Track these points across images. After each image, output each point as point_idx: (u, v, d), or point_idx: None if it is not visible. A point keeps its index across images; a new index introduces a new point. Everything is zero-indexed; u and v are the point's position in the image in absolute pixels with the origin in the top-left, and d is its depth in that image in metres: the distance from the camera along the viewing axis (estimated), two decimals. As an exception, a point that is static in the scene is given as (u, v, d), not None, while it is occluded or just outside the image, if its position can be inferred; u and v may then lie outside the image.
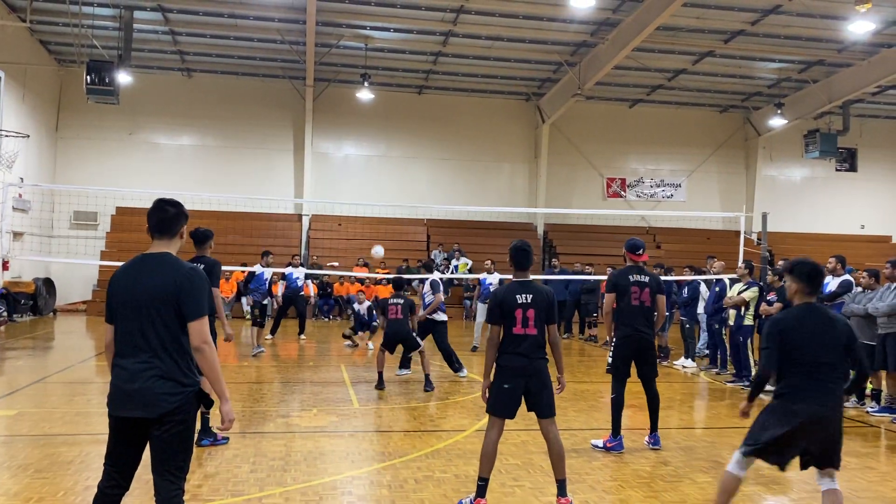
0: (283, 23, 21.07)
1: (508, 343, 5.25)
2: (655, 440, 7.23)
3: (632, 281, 7.09)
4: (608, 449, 7.01)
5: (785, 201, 29.22)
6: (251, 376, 11.15)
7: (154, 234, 3.90)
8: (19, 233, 20.70)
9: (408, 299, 10.73)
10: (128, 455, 3.76)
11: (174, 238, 3.93)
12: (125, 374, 3.69)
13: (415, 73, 25.60)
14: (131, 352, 3.70)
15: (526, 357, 5.22)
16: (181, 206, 4.00)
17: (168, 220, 3.90)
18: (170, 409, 3.62)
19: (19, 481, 5.65)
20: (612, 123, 28.48)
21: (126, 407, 3.67)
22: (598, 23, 20.60)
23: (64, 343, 16.07)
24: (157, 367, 3.65)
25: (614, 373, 7.22)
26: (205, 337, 3.69)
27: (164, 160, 25.56)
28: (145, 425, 3.66)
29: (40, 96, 23.21)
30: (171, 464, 3.68)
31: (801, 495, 5.85)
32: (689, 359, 13.23)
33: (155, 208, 3.93)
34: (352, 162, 27.21)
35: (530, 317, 5.23)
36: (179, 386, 3.67)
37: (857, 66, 22.95)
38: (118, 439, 3.76)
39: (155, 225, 3.89)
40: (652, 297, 7.12)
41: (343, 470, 6.21)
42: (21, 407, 8.47)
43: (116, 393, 3.71)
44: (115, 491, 3.78)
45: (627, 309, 7.05)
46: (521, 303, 5.25)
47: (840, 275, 10.26)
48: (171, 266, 3.78)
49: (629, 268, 7.25)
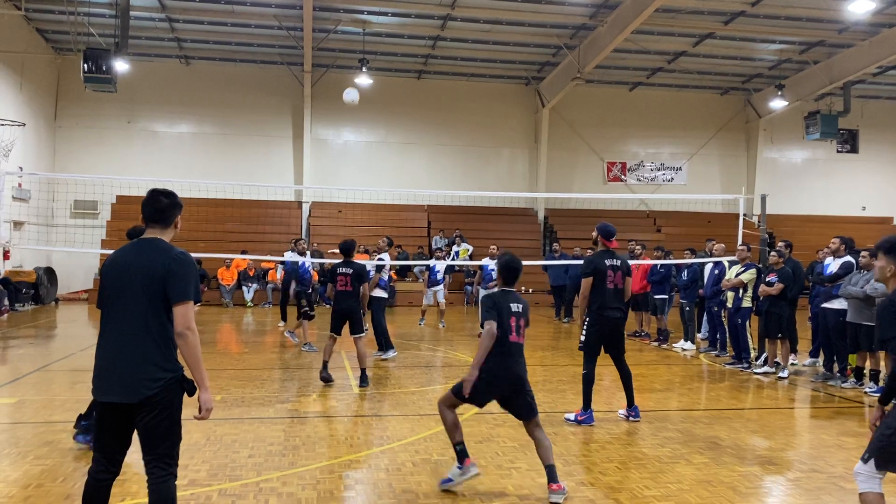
0: (280, 8, 20.97)
1: (501, 349, 5.22)
2: (635, 412, 7.57)
3: (608, 265, 7.45)
4: (579, 422, 7.34)
5: (786, 183, 29.14)
6: (252, 363, 11.18)
7: (148, 223, 3.94)
8: (20, 222, 20.72)
9: (358, 265, 9.38)
10: (113, 440, 3.77)
11: (168, 227, 3.96)
12: (109, 357, 3.72)
13: (413, 58, 25.49)
14: (115, 335, 3.72)
15: (515, 364, 5.29)
16: (175, 196, 4.02)
17: (162, 209, 3.93)
18: (150, 394, 3.62)
19: (19, 468, 5.69)
20: (612, 107, 28.36)
21: (108, 391, 3.68)
22: (597, 5, 20.48)
23: (65, 331, 16.13)
24: (140, 351, 3.66)
25: (587, 350, 7.51)
26: (188, 322, 3.69)
27: (163, 148, 25.54)
28: (129, 411, 3.66)
29: (38, 85, 23.16)
30: (158, 450, 3.69)
31: (798, 475, 5.87)
32: (688, 341, 13.25)
33: (149, 198, 3.96)
34: (351, 148, 27.15)
35: (522, 326, 5.39)
36: (160, 371, 3.67)
37: (857, 47, 22.82)
38: (102, 424, 3.78)
39: (149, 215, 3.93)
40: (623, 280, 7.52)
41: (341, 454, 6.23)
42: (23, 395, 8.51)
43: (99, 376, 3.74)
44: (104, 476, 3.79)
45: (603, 291, 7.37)
46: (514, 311, 5.34)
47: (842, 256, 10.24)
48: (161, 250, 3.81)
49: (603, 252, 7.61)
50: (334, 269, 9.40)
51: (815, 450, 6.66)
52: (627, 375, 7.61)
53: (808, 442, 7.05)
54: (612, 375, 10.39)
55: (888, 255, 4.19)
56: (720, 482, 5.59)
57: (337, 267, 9.41)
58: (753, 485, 5.61)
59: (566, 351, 12.93)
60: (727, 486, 5.52)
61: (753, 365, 11.01)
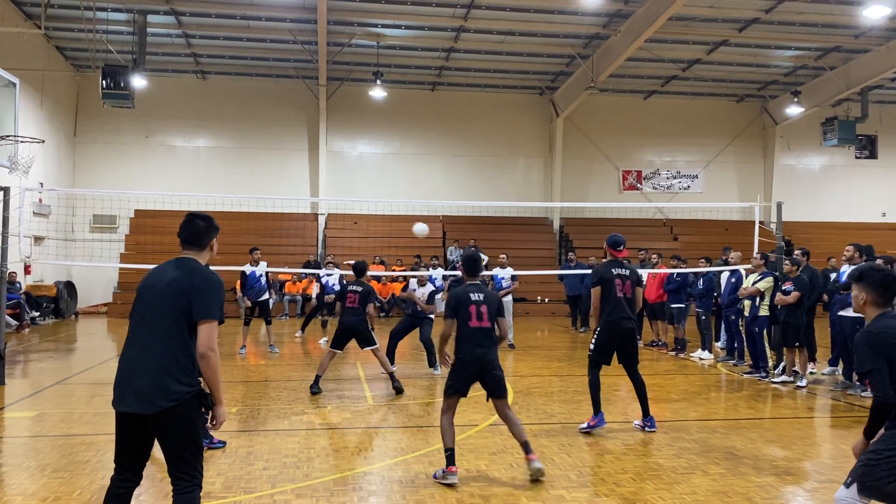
0: (295, 23, 21.17)
1: (466, 335, 5.91)
2: (651, 423, 7.53)
3: (615, 274, 7.49)
4: (592, 427, 7.40)
5: (804, 190, 28.90)
6: (269, 374, 11.23)
7: (184, 245, 4.06)
8: (40, 237, 21.00)
9: (367, 287, 9.79)
10: (131, 451, 3.83)
11: (203, 249, 4.08)
12: (129, 368, 3.78)
13: (427, 70, 25.62)
14: (138, 347, 3.79)
15: (479, 346, 5.89)
16: (211, 220, 4.14)
17: (198, 232, 4.06)
18: (166, 407, 3.66)
19: (36, 481, 5.75)
20: (626, 115, 28.31)
21: (126, 402, 3.73)
22: (610, 14, 20.50)
23: (85, 345, 16.28)
24: (159, 364, 3.71)
25: (593, 357, 7.60)
26: (211, 343, 3.76)
27: (181, 162, 25.82)
28: (146, 422, 3.72)
29: (58, 102, 23.51)
30: (180, 463, 3.74)
31: (815, 485, 5.80)
32: (705, 350, 13.15)
33: (186, 222, 4.09)
34: (366, 160, 27.28)
35: (484, 312, 5.93)
36: (178, 384, 3.71)
37: (874, 52, 22.65)
38: (121, 435, 3.84)
39: (186, 238, 4.05)
40: (632, 289, 7.54)
41: (355, 466, 6.25)
42: (42, 408, 8.60)
43: (119, 387, 3.79)
44: (124, 485, 3.85)
45: (612, 300, 7.42)
46: (474, 300, 5.96)
47: (857, 263, 10.13)
48: (192, 269, 3.91)
49: (611, 262, 7.66)
50: (345, 288, 9.96)
51: (833, 460, 6.58)
52: (641, 386, 7.58)
53: (826, 452, 6.97)
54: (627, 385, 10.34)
55: (859, 284, 4.07)
56: (736, 493, 5.54)
57: (348, 285, 9.91)
58: (770, 495, 5.55)
59: (582, 361, 12.84)
60: (743, 496, 5.47)
61: (771, 374, 10.91)
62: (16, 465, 6.21)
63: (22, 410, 8.52)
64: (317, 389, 9.43)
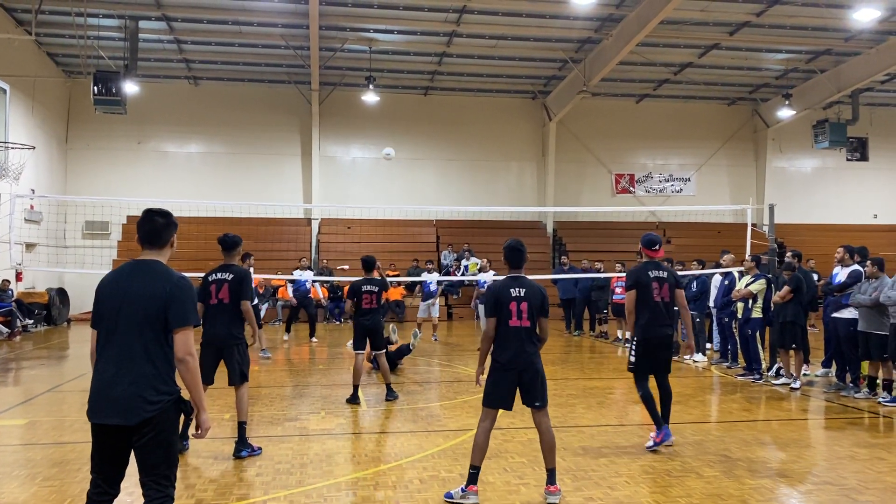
0: (287, 28, 21.14)
1: (504, 335, 5.42)
2: (665, 435, 7.13)
3: (652, 277, 7.01)
4: (658, 444, 6.86)
5: (796, 193, 29.01)
6: (261, 380, 11.18)
7: (144, 244, 3.93)
8: (32, 244, 20.89)
9: (380, 280, 9.32)
10: (110, 462, 3.76)
11: (164, 248, 3.96)
12: (106, 379, 3.70)
13: (420, 75, 25.62)
14: (114, 358, 3.71)
15: (519, 346, 5.41)
16: (171, 215, 4.02)
17: (157, 230, 3.93)
18: (148, 417, 3.62)
19: (27, 489, 5.70)
20: (619, 119, 28.36)
21: (105, 413, 3.67)
22: (602, 18, 20.54)
23: (77, 352, 16.17)
24: (138, 374, 3.66)
25: (637, 371, 7.10)
26: (189, 348, 3.73)
27: (173, 168, 25.73)
28: (125, 433, 3.66)
29: (49, 108, 23.42)
30: (154, 472, 3.69)
31: (810, 487, 5.80)
32: (699, 353, 13.16)
33: (144, 219, 3.95)
34: (359, 165, 27.25)
35: (524, 310, 5.44)
36: (158, 394, 3.67)
37: (865, 55, 22.75)
38: (99, 446, 3.76)
39: (144, 235, 3.93)
40: (671, 292, 7.06)
41: (349, 471, 6.22)
42: (34, 416, 8.55)
43: (96, 399, 3.72)
44: (103, 498, 3.79)
45: (649, 306, 6.96)
46: (514, 297, 5.47)
47: (849, 265, 10.17)
48: (162, 275, 3.82)
49: (647, 263, 7.17)
50: (359, 287, 9.25)
51: (827, 462, 6.58)
52: (668, 395, 7.18)
53: (820, 454, 6.97)
54: (623, 387, 10.37)
55: None
56: (731, 496, 5.54)
57: (361, 284, 9.27)
58: (764, 498, 5.55)
59: (576, 364, 12.87)
60: (737, 499, 5.46)
61: (766, 376, 10.91)
62: (6, 474, 6.16)
63: (13, 418, 8.46)
64: (356, 401, 9.09)
